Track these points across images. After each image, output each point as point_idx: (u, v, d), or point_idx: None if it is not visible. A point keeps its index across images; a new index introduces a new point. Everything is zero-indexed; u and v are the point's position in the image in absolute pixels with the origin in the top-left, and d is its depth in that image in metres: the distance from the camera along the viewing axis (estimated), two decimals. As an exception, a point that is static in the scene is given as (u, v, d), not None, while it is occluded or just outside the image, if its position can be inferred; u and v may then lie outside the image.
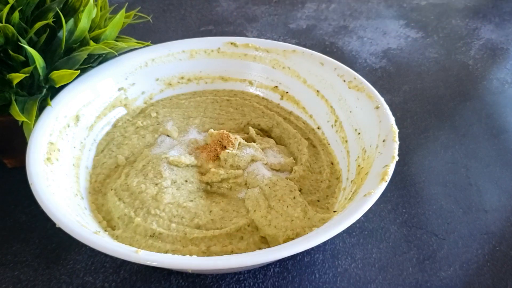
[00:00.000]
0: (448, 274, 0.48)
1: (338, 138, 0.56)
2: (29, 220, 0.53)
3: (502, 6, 0.99)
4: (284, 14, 0.96)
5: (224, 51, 0.64)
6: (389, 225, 0.53)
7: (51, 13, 0.51)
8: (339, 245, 0.51)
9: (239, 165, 0.51)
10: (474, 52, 0.85)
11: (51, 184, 0.44)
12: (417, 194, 0.57)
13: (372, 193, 0.42)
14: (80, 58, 0.52)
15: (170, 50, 0.63)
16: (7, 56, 0.50)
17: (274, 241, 0.45)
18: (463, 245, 0.51)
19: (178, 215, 0.47)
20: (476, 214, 0.55)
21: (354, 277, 0.48)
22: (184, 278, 0.48)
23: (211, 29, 0.91)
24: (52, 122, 0.50)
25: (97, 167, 0.54)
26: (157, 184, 0.49)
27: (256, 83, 0.65)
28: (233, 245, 0.45)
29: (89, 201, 0.50)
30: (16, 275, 0.48)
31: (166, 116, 0.60)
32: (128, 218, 0.47)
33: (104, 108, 0.58)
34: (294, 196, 0.48)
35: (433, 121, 0.69)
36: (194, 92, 0.65)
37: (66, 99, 0.53)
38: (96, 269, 0.48)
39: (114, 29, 0.56)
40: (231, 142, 0.53)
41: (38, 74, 0.50)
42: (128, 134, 0.58)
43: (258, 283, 0.47)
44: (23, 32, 0.50)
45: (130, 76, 0.60)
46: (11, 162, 0.59)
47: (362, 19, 0.95)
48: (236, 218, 0.47)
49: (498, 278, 0.48)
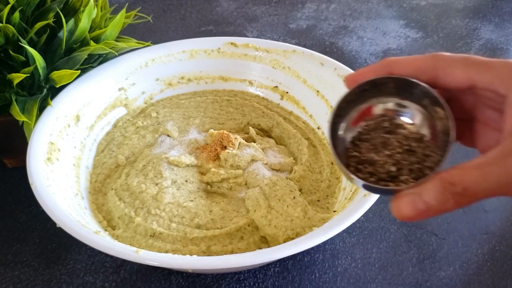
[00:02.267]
0: (448, 273, 0.48)
1: (338, 138, 0.56)
2: (29, 220, 0.53)
3: (502, 6, 0.99)
4: (284, 14, 0.96)
5: (224, 51, 0.64)
6: (389, 225, 0.53)
7: (51, 13, 0.51)
8: (339, 245, 0.51)
9: (239, 165, 0.51)
10: (474, 52, 0.85)
11: (52, 184, 0.44)
12: (417, 194, 0.57)
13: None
14: (80, 58, 0.52)
15: (170, 50, 0.63)
16: (8, 56, 0.50)
17: (274, 241, 0.45)
18: (463, 245, 0.51)
19: (178, 215, 0.47)
20: (476, 214, 0.55)
21: (354, 277, 0.48)
22: (184, 278, 0.48)
23: (211, 29, 0.91)
24: (52, 122, 0.50)
25: (97, 167, 0.54)
26: (157, 184, 0.49)
27: (256, 83, 0.65)
28: (233, 245, 0.45)
29: (90, 201, 0.50)
30: (16, 275, 0.48)
31: (166, 116, 0.61)
32: (128, 218, 0.47)
33: (104, 108, 0.58)
34: (294, 196, 0.48)
35: (433, 121, 0.69)
36: (194, 92, 0.65)
37: (67, 99, 0.53)
38: (96, 269, 0.48)
39: (115, 29, 0.56)
40: (231, 142, 0.53)
41: (39, 74, 0.50)
42: (128, 134, 0.58)
43: (258, 283, 0.47)
44: (23, 32, 0.50)
45: (130, 76, 0.60)
46: (11, 162, 0.59)
47: (362, 19, 0.95)
48: (236, 218, 0.47)
49: (498, 278, 0.48)
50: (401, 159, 0.28)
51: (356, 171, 0.29)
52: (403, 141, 0.29)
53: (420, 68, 0.29)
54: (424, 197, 0.26)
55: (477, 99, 0.30)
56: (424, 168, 0.28)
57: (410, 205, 0.26)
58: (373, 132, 0.30)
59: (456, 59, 0.28)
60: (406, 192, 0.26)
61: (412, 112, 0.30)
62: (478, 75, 0.28)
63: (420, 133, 0.30)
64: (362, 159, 0.29)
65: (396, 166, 0.28)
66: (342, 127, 0.31)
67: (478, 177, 0.25)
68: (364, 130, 0.31)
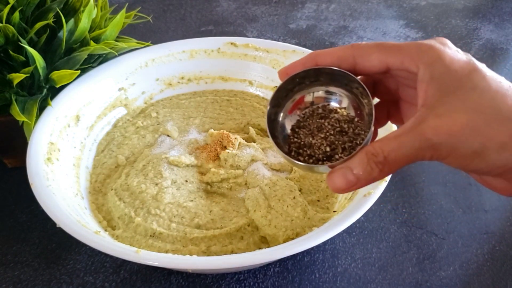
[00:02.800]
0: (448, 273, 0.48)
1: (338, 138, 0.56)
2: (29, 220, 0.53)
3: (502, 6, 0.99)
4: (284, 14, 0.96)
5: (224, 51, 0.64)
6: (389, 225, 0.53)
7: (51, 13, 0.51)
8: (339, 245, 0.51)
9: (239, 165, 0.51)
10: (473, 52, 0.85)
11: (51, 184, 0.44)
12: (417, 194, 0.57)
13: (372, 193, 0.42)
14: (80, 58, 0.52)
15: (170, 50, 0.63)
16: (8, 56, 0.50)
17: (274, 241, 0.45)
18: (463, 245, 0.51)
19: (178, 215, 0.47)
20: (476, 213, 0.55)
21: (354, 277, 0.48)
22: (184, 278, 0.48)
23: (211, 29, 0.91)
24: (52, 122, 0.50)
25: (97, 167, 0.54)
26: (157, 184, 0.49)
27: (256, 83, 0.65)
28: (233, 245, 0.45)
29: (90, 201, 0.50)
30: (16, 275, 0.48)
31: (166, 116, 0.61)
32: (128, 218, 0.47)
33: (104, 108, 0.58)
34: (294, 196, 0.48)
35: (433, 121, 0.69)
36: (194, 92, 0.65)
37: (67, 99, 0.53)
38: (96, 269, 0.48)
39: (115, 29, 0.56)
40: (231, 142, 0.53)
41: (39, 74, 0.50)
42: (128, 134, 0.58)
43: (258, 283, 0.47)
44: (23, 32, 0.50)
45: (130, 76, 0.60)
46: (11, 162, 0.59)
47: (362, 19, 0.95)
48: (236, 218, 0.47)
49: (498, 278, 0.48)
50: (335, 140, 0.32)
51: (297, 155, 0.32)
52: (335, 124, 0.33)
53: (341, 58, 0.32)
54: (353, 170, 0.29)
55: (398, 80, 0.33)
56: (355, 146, 0.31)
57: (342, 178, 0.29)
58: (309, 119, 0.34)
59: (371, 45, 0.31)
60: (339, 167, 0.30)
61: (341, 97, 0.34)
62: (390, 58, 0.30)
63: (350, 116, 0.33)
64: (302, 144, 0.33)
65: (330, 146, 0.32)
66: (281, 117, 0.35)
67: (395, 146, 0.28)
68: (301, 118, 0.34)
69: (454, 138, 0.27)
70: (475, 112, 0.28)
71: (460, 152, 0.28)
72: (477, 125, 0.27)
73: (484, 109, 0.28)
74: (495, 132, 0.27)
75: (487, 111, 0.28)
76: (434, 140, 0.28)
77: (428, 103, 0.29)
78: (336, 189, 0.30)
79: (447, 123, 0.27)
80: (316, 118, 0.33)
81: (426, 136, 0.28)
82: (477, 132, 0.27)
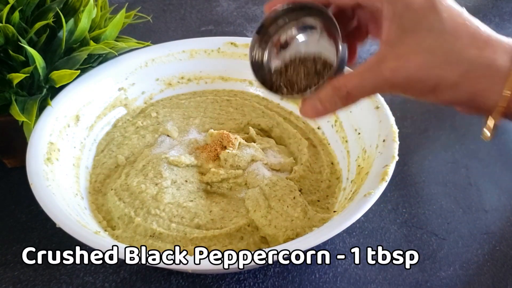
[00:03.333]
0: (448, 274, 0.48)
1: (338, 138, 0.56)
2: (29, 220, 0.53)
3: (502, 6, 0.99)
4: (284, 14, 0.96)
5: (224, 51, 0.64)
6: (389, 225, 0.53)
7: (51, 13, 0.51)
8: (339, 245, 0.51)
9: (239, 165, 0.51)
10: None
11: (51, 184, 0.44)
12: (417, 194, 0.57)
13: (372, 193, 0.42)
14: (80, 58, 0.52)
15: (170, 50, 0.63)
16: (7, 56, 0.50)
17: (274, 241, 0.45)
18: (463, 245, 0.51)
19: (178, 215, 0.47)
20: (476, 214, 0.55)
21: (354, 277, 0.48)
22: (184, 278, 0.48)
23: (211, 29, 0.91)
24: (52, 122, 0.50)
25: (97, 167, 0.54)
26: (157, 184, 0.49)
27: (256, 83, 0.65)
28: (233, 245, 0.45)
29: (89, 201, 0.50)
30: (16, 275, 0.48)
31: (166, 116, 0.60)
32: (128, 218, 0.47)
33: (104, 108, 0.58)
34: (294, 196, 0.48)
35: (433, 121, 0.69)
36: (194, 92, 0.65)
37: (66, 99, 0.53)
38: (96, 269, 0.48)
39: (114, 29, 0.56)
40: (231, 142, 0.53)
41: (38, 74, 0.50)
42: (128, 134, 0.58)
43: (258, 283, 0.47)
44: (23, 32, 0.50)
45: (130, 76, 0.60)
46: (11, 162, 0.59)
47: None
48: (236, 218, 0.47)
49: (498, 278, 0.48)
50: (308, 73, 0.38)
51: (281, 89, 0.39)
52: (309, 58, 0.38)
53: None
54: (321, 100, 0.35)
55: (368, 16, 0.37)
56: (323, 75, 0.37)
57: (311, 107, 0.35)
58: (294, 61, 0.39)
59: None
60: (309, 97, 0.36)
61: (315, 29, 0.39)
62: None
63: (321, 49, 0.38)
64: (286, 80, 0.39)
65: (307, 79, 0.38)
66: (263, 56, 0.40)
67: (357, 82, 0.33)
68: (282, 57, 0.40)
69: (410, 78, 0.31)
70: (430, 54, 0.31)
71: (416, 89, 0.32)
72: (431, 66, 0.31)
73: (438, 51, 0.31)
74: (447, 73, 0.31)
75: (440, 53, 0.31)
76: (392, 80, 0.32)
77: (389, 40, 0.32)
78: (306, 116, 0.36)
79: (403, 65, 0.31)
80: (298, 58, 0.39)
81: (385, 76, 0.32)
82: (431, 73, 0.31)
